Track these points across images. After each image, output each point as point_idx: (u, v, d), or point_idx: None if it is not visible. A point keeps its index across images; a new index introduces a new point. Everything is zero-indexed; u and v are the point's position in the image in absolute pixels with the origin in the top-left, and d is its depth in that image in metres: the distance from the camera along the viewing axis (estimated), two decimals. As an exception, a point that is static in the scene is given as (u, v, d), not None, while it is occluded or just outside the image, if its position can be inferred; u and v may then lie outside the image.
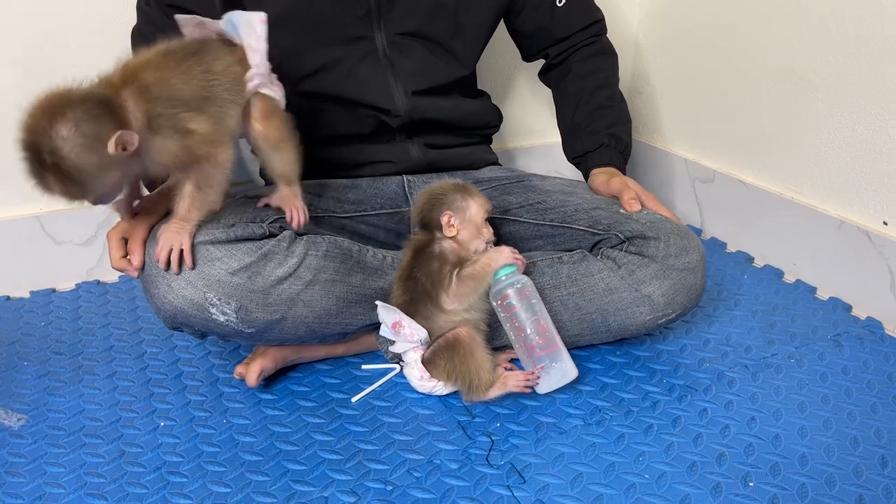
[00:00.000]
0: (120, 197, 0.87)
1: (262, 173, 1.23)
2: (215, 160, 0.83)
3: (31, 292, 1.28)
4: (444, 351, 0.95)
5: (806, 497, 0.83)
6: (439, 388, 0.98)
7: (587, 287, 1.03)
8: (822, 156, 1.25)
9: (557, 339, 0.98)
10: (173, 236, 0.86)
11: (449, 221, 0.97)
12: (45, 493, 0.84)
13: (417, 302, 0.96)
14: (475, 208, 0.98)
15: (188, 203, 0.86)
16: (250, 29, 0.88)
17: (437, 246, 0.98)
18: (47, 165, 0.71)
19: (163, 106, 0.78)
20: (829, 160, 1.24)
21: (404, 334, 0.96)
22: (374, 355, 1.08)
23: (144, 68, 0.80)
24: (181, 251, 0.86)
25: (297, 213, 0.95)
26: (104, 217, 1.28)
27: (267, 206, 0.97)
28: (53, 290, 1.29)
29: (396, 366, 1.05)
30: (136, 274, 0.91)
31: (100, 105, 0.74)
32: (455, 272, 0.96)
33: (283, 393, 1.02)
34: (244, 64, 0.88)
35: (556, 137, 1.64)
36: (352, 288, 0.97)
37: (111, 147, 0.72)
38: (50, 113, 0.71)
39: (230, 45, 0.89)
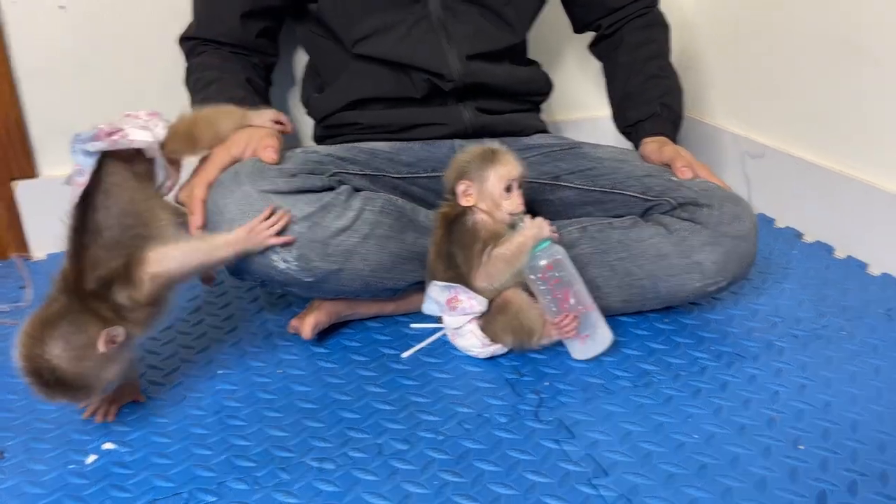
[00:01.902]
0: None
1: (314, 137, 1.26)
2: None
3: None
4: (497, 315, 0.97)
5: (857, 461, 0.83)
6: (499, 349, 1.00)
7: (638, 253, 1.03)
8: (879, 131, 1.23)
9: (595, 304, 0.98)
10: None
11: (465, 191, 0.95)
12: (111, 430, 0.88)
13: (463, 276, 0.97)
14: (493, 179, 0.95)
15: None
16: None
17: (469, 218, 0.97)
18: (51, 384, 0.76)
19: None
20: (886, 135, 1.22)
21: (462, 308, 0.96)
22: (423, 315, 1.10)
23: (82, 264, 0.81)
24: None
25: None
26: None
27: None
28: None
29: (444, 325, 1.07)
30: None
31: (81, 313, 0.78)
32: (487, 251, 0.95)
33: (336, 347, 1.04)
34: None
35: (603, 111, 1.63)
36: (405, 245, 0.99)
37: (101, 347, 0.77)
38: (39, 338, 0.75)
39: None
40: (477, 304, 0.96)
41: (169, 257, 0.82)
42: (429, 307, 1.00)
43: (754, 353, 1.03)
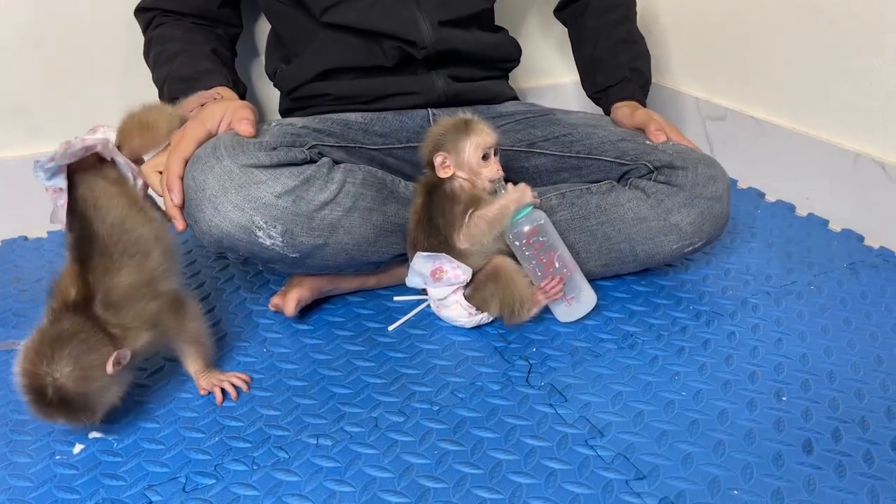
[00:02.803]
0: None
1: (281, 109, 1.22)
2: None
3: (49, 233, 1.26)
4: (487, 283, 0.97)
5: (837, 409, 0.87)
6: (485, 318, 1.00)
7: (617, 217, 1.04)
8: (838, 90, 1.26)
9: (577, 267, 1.00)
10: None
11: (443, 163, 0.95)
12: (94, 419, 0.85)
13: (445, 244, 0.96)
14: (470, 149, 0.95)
15: None
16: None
17: (448, 186, 0.97)
18: (54, 404, 0.73)
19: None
20: (845, 94, 1.25)
21: (447, 279, 0.96)
22: (405, 287, 1.09)
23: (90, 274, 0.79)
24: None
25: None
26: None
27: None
28: (71, 231, 1.28)
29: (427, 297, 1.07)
30: (181, 226, 0.89)
31: (91, 332, 0.75)
32: (469, 213, 0.95)
33: (320, 324, 1.03)
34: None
35: (566, 77, 1.64)
36: (387, 217, 0.97)
37: (110, 369, 0.74)
38: (47, 356, 0.72)
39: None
40: (462, 273, 0.96)
41: (198, 329, 0.87)
42: (412, 280, 0.99)
43: (731, 311, 1.06)
